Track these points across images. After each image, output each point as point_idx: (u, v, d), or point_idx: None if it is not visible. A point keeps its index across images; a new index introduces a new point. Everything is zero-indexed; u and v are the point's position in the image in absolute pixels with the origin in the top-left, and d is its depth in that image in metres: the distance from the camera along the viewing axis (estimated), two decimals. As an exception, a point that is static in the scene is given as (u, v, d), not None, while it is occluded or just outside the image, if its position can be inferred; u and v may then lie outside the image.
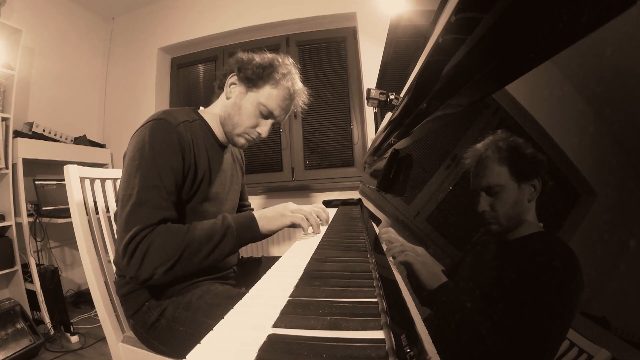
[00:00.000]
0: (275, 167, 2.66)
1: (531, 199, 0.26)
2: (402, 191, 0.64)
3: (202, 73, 2.92)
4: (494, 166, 0.30)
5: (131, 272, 0.72)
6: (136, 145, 0.79)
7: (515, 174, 0.28)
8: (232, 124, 0.94)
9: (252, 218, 0.82)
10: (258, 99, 0.92)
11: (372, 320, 0.36)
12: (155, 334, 0.82)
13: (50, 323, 1.95)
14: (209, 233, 0.76)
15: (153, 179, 0.75)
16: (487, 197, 0.30)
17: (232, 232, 0.78)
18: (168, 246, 0.72)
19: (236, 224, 0.80)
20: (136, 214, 0.73)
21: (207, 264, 0.77)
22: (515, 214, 0.28)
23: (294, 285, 0.48)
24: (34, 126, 2.27)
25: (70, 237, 2.40)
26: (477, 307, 0.29)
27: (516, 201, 0.28)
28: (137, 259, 0.70)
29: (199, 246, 0.75)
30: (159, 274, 0.71)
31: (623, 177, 0.19)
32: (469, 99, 0.32)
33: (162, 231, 0.73)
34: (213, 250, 0.76)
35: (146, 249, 0.71)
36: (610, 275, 0.19)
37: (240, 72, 0.92)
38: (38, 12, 2.48)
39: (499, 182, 0.29)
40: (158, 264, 0.71)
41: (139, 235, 0.71)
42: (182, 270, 0.74)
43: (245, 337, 0.35)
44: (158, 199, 0.75)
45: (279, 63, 0.93)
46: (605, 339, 0.18)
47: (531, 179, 0.26)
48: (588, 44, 0.19)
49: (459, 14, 0.26)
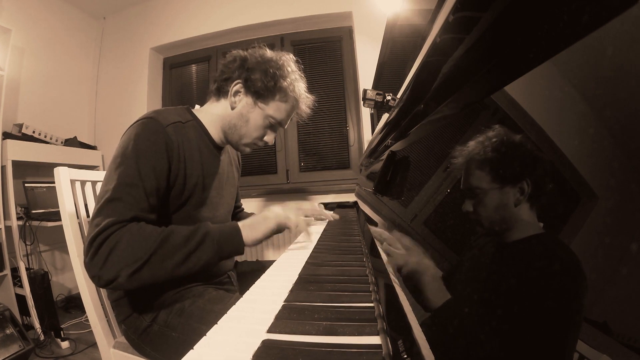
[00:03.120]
0: (270, 169, 2.65)
1: (518, 202, 0.26)
2: (399, 194, 0.64)
3: (195, 73, 2.90)
4: (476, 169, 0.30)
5: (94, 270, 0.64)
6: (121, 144, 0.77)
7: (498, 177, 0.28)
8: (239, 135, 0.93)
9: (234, 227, 0.77)
10: (267, 112, 0.90)
11: (369, 326, 0.36)
12: (148, 340, 0.81)
13: (40, 328, 1.93)
14: (185, 238, 0.70)
15: (132, 177, 0.72)
16: (470, 200, 0.30)
17: (212, 240, 0.72)
18: (137, 246, 0.65)
19: (217, 233, 0.73)
20: (108, 208, 0.67)
21: (180, 272, 0.69)
22: (501, 218, 0.28)
23: (288, 290, 0.48)
24: (23, 127, 2.25)
25: (60, 240, 2.36)
26: (475, 312, 0.28)
27: (499, 205, 0.28)
28: (102, 255, 0.63)
29: (172, 250, 0.67)
30: (124, 276, 0.63)
31: (624, 179, 0.19)
32: (467, 100, 0.32)
33: (134, 229, 0.67)
34: (188, 257, 0.69)
35: (113, 246, 0.64)
36: (611, 279, 0.19)
37: (247, 82, 0.89)
38: (28, 11, 2.46)
39: (480, 184, 0.29)
40: (123, 264, 0.64)
41: (108, 230, 0.65)
42: (151, 276, 0.66)
43: (239, 343, 0.34)
44: (134, 197, 0.70)
45: (287, 72, 0.90)
46: (607, 345, 0.18)
47: (518, 182, 0.26)
48: (588, 43, 0.19)
49: (457, 13, 0.26)
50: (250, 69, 0.88)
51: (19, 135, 2.23)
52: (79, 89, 2.88)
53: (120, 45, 2.94)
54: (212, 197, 0.94)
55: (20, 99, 2.40)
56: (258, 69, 0.88)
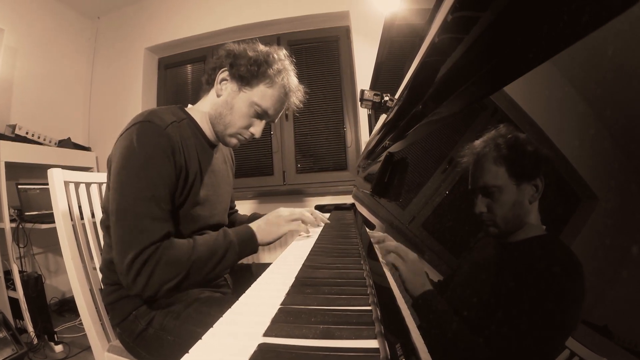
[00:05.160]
0: (266, 170, 2.64)
1: (533, 200, 0.25)
2: (397, 196, 0.64)
3: (191, 74, 2.88)
4: (491, 166, 0.29)
5: (136, 290, 0.71)
6: (123, 152, 0.75)
7: (515, 174, 0.27)
8: (223, 124, 0.91)
9: (252, 233, 0.84)
10: (251, 99, 0.88)
11: (366, 329, 0.36)
12: (143, 344, 0.80)
13: (34, 332, 1.91)
14: (212, 249, 0.77)
15: (147, 190, 0.73)
16: (485, 199, 0.30)
17: (235, 248, 0.80)
18: (175, 264, 0.72)
19: (238, 240, 0.81)
20: (137, 230, 0.71)
21: (210, 277, 0.78)
22: (516, 216, 0.28)
23: (285, 293, 0.47)
24: (16, 128, 2.23)
25: (54, 243, 2.33)
26: (475, 315, 0.28)
27: (516, 202, 0.27)
28: (144, 277, 0.70)
29: (204, 262, 0.76)
30: (165, 290, 0.72)
31: (625, 180, 0.18)
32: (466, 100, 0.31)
33: (168, 249, 0.73)
34: (216, 266, 0.78)
35: (153, 268, 0.70)
36: (611, 282, 0.18)
37: (232, 68, 0.88)
38: (21, 10, 2.43)
39: (496, 182, 0.29)
40: (165, 281, 0.71)
41: (144, 253, 0.70)
42: (187, 286, 0.75)
43: (235, 347, 0.34)
44: (156, 211, 0.74)
45: (274, 59, 0.89)
46: (607, 348, 0.17)
47: (533, 179, 0.25)
48: (589, 43, 0.18)
49: (456, 12, 0.26)
50: (236, 56, 0.89)
51: (12, 136, 2.20)
52: (73, 89, 2.86)
53: (115, 45, 2.92)
54: (209, 196, 0.93)
55: (14, 99, 2.38)
56: (244, 56, 0.88)
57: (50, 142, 2.46)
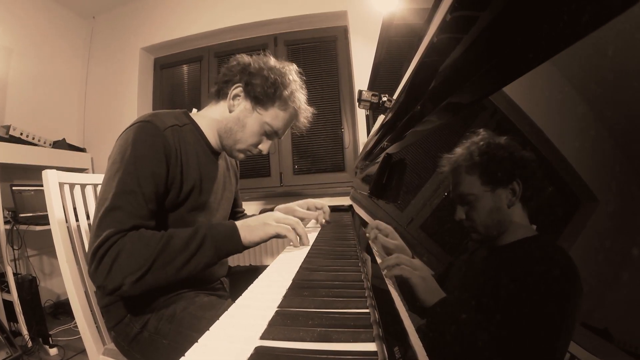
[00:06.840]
0: (263, 172, 2.63)
1: (511, 204, 0.26)
2: (395, 197, 0.63)
3: (187, 74, 2.87)
4: (465, 175, 0.30)
5: (99, 280, 0.67)
6: (119, 148, 0.76)
7: (488, 181, 0.28)
8: (234, 139, 0.92)
9: (233, 228, 0.76)
10: (264, 119, 0.90)
11: (364, 332, 0.35)
12: (138, 347, 0.79)
13: (28, 335, 1.89)
14: (185, 242, 0.71)
15: (131, 184, 0.72)
16: (463, 207, 0.30)
17: (210, 241, 0.73)
18: (139, 254, 0.67)
19: (216, 234, 0.74)
20: (108, 218, 0.69)
21: (182, 275, 0.71)
22: (495, 221, 0.28)
23: (282, 296, 0.47)
24: (11, 129, 2.21)
25: (49, 245, 2.32)
26: (472, 318, 0.28)
27: (493, 208, 0.28)
28: (106, 265, 0.66)
29: (173, 255, 0.69)
30: (128, 283, 0.66)
31: (625, 182, 0.18)
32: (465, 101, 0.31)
33: (134, 237, 0.69)
34: (189, 261, 0.71)
35: (115, 256, 0.66)
36: (612, 284, 0.18)
37: (247, 86, 0.89)
38: (15, 10, 2.42)
39: (471, 190, 0.29)
40: (128, 272, 0.66)
41: (110, 240, 0.67)
42: (155, 281, 0.69)
43: (231, 350, 0.34)
44: (133, 205, 0.71)
45: (288, 81, 0.90)
46: (607, 351, 0.17)
47: (509, 183, 0.26)
48: (589, 43, 0.18)
49: (455, 12, 0.26)
50: (252, 74, 0.88)
51: (7, 137, 2.19)
52: (67, 89, 2.84)
53: (110, 45, 2.91)
54: (210, 202, 0.93)
55: (8, 100, 2.36)
56: (260, 75, 0.88)
57: (44, 143, 2.44)
